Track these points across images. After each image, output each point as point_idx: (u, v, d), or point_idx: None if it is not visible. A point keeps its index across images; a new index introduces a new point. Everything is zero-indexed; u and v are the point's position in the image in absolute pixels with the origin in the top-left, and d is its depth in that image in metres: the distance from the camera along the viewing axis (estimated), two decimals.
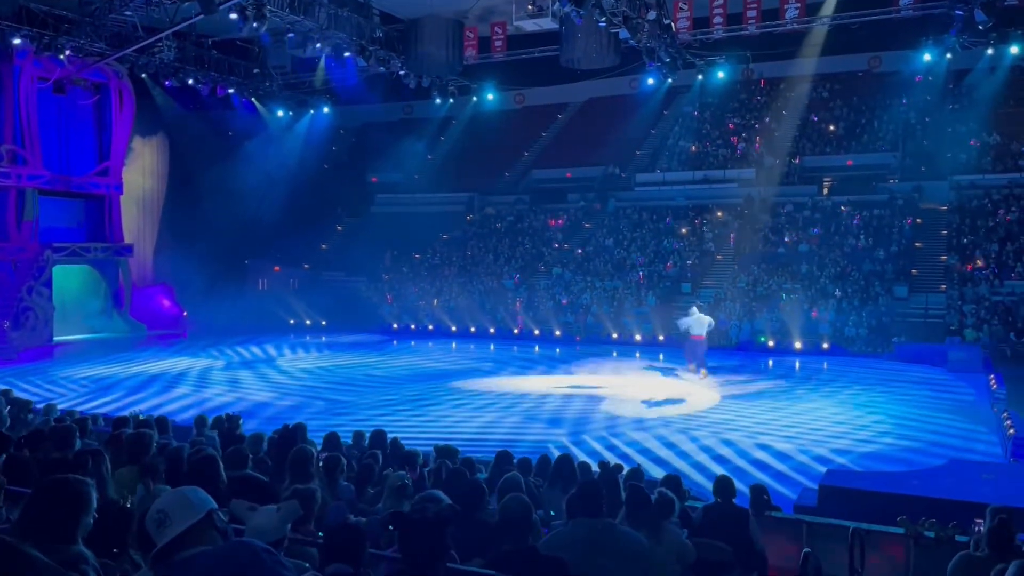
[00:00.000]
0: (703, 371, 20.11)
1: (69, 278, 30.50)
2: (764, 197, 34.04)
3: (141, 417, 9.54)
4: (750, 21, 26.31)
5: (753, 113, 38.96)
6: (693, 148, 37.90)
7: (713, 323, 20.58)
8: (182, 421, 13.86)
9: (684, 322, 20.41)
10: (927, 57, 29.65)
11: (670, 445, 13.68)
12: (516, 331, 29.99)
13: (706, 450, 13.47)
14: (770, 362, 24.00)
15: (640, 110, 38.90)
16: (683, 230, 33.77)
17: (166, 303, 33.02)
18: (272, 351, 26.46)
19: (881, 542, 6.29)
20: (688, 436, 14.36)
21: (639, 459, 12.26)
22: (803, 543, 6.47)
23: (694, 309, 20.62)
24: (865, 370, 21.79)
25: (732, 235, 32.60)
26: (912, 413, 16.15)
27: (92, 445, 6.56)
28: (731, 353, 25.72)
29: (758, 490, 7.00)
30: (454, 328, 30.91)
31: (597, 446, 13.52)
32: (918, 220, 30.58)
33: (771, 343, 26.18)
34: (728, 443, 13.83)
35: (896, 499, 7.70)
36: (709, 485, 10.66)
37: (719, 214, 33.97)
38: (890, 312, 26.08)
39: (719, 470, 11.77)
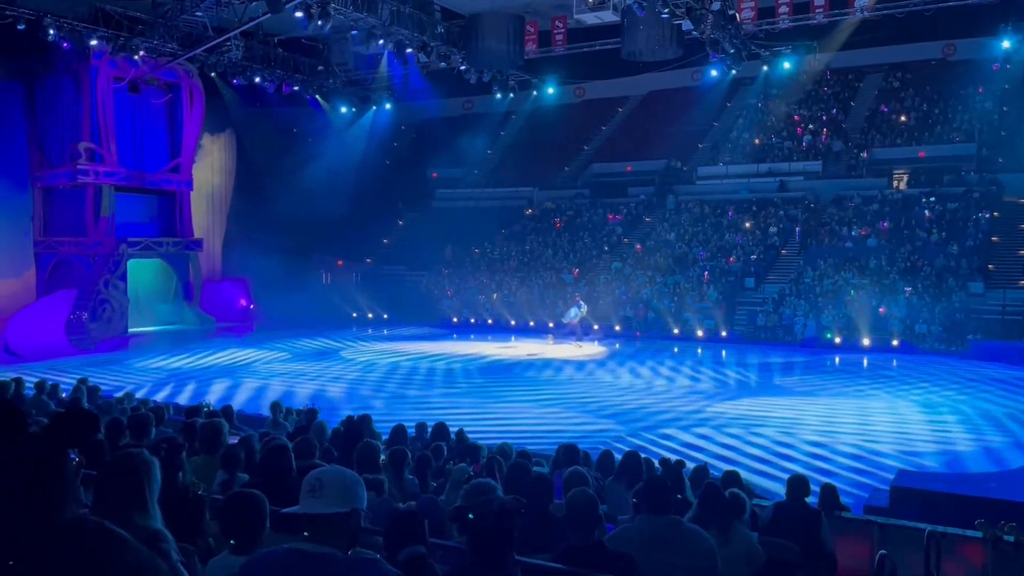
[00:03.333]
0: (580, 343, 25.07)
1: (142, 272, 31.53)
2: (831, 190, 33.22)
3: (209, 406, 9.81)
4: (817, 10, 25.62)
5: (820, 104, 37.99)
6: (757, 141, 37.17)
7: (586, 313, 26.18)
8: (249, 411, 14.24)
9: (573, 313, 25.47)
10: (1006, 44, 28.47)
11: (730, 445, 13.48)
12: (574, 325, 29.88)
13: (768, 448, 13.23)
14: (836, 359, 23.47)
15: (702, 102, 38.33)
16: (746, 224, 33.19)
17: (234, 296, 33.89)
18: (335, 343, 26.91)
19: (958, 546, 6.07)
20: (751, 432, 14.13)
21: (699, 456, 12.11)
22: (875, 545, 6.28)
23: (580, 301, 25.83)
24: (938, 368, 21.13)
25: (797, 229, 31.91)
26: (988, 412, 15.58)
27: (167, 433, 6.77)
28: (796, 349, 25.21)
29: (829, 489, 6.83)
30: (513, 322, 30.95)
31: (656, 441, 13.41)
32: (995, 213, 29.42)
33: (838, 340, 25.56)
34: (788, 444, 13.55)
35: (973, 502, 7.44)
36: (771, 485, 10.47)
37: (784, 208, 33.27)
38: (964, 308, 25.16)
39: (783, 468, 11.54)
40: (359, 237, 38.22)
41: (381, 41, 26.17)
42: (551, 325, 29.37)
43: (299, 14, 22.36)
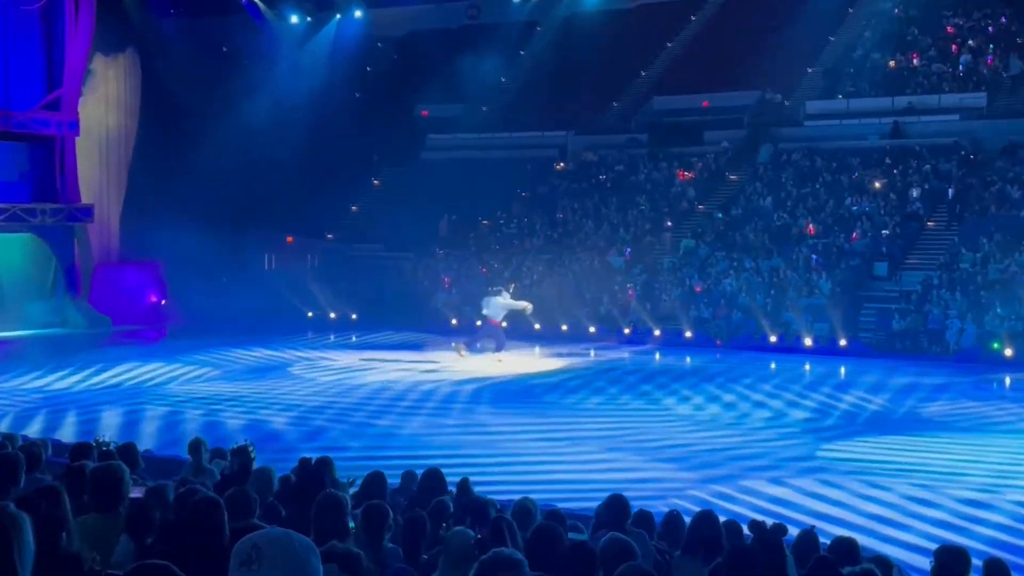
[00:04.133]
0: (499, 355, 25.44)
1: (6, 252, 31.89)
2: (1000, 135, 32.98)
3: (107, 444, 9.89)
4: None
5: (984, 10, 37.70)
6: (892, 63, 36.96)
7: (525, 308, 26.48)
8: (159, 451, 14.37)
9: (495, 306, 25.77)
10: None
11: (847, 503, 13.45)
12: (627, 331, 29.94)
13: (902, 508, 13.18)
14: (1007, 379, 23.35)
15: (812, 8, 38.14)
16: (876, 184, 33.04)
17: (139, 288, 34.14)
18: (282, 354, 27.06)
19: None
20: (877, 485, 14.10)
21: (803, 519, 12.09)
22: None
23: (503, 292, 26.37)
24: None
25: (950, 191, 31.74)
26: None
27: (44, 481, 6.85)
28: (948, 365, 25.07)
29: (997, 568, 6.79)
30: (538, 326, 31.01)
31: (740, 498, 13.42)
32: None
33: (1009, 352, 25.41)
34: (931, 503, 13.50)
35: None
36: (908, 557, 10.45)
37: (929, 161, 33.09)
38: None
39: (926, 536, 11.50)
40: (317, 203, 38.46)
41: None
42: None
43: None
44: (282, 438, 17.11)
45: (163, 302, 34.34)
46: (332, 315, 34.69)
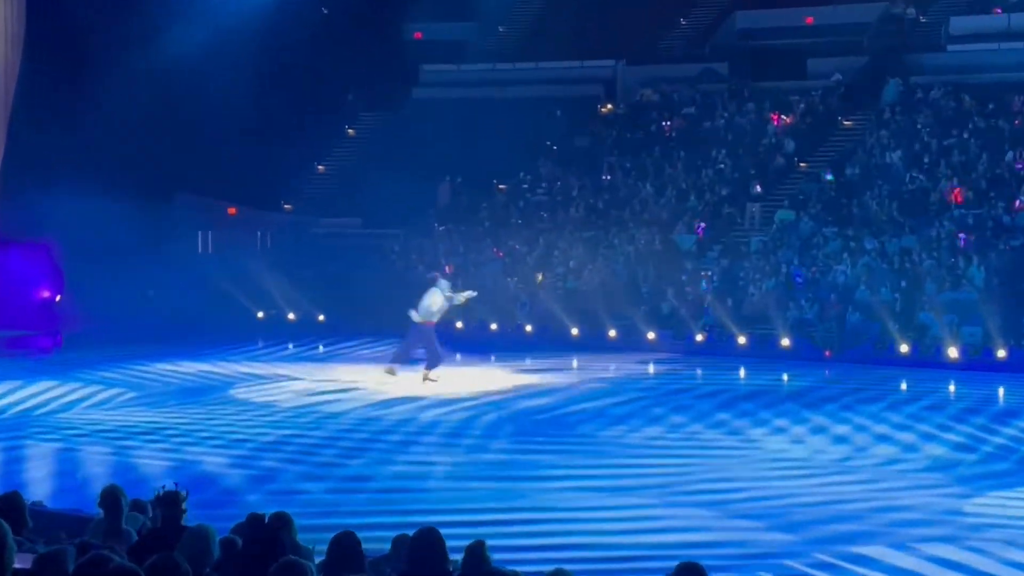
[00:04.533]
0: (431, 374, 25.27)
1: None
2: None
3: None
4: None
5: None
6: None
7: (450, 303, 25.95)
8: (54, 504, 14.47)
9: (433, 305, 25.48)
10: None
11: None
12: (699, 337, 29.93)
13: None
14: None
15: None
16: None
17: (24, 279, 34.13)
18: (222, 370, 27.17)
19: None
20: None
21: None
22: None
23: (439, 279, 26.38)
24: None
25: None
26: None
27: None
28: None
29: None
30: (575, 331, 31.00)
31: (854, 571, 13.43)
32: None
33: None
34: None
35: None
36: None
37: None
38: None
39: None
40: (270, 163, 38.48)
41: None
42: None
43: None
44: (221, 484, 17.12)
45: (57, 298, 34.41)
46: (291, 316, 34.78)
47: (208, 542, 7.82)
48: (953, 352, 27.72)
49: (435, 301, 25.41)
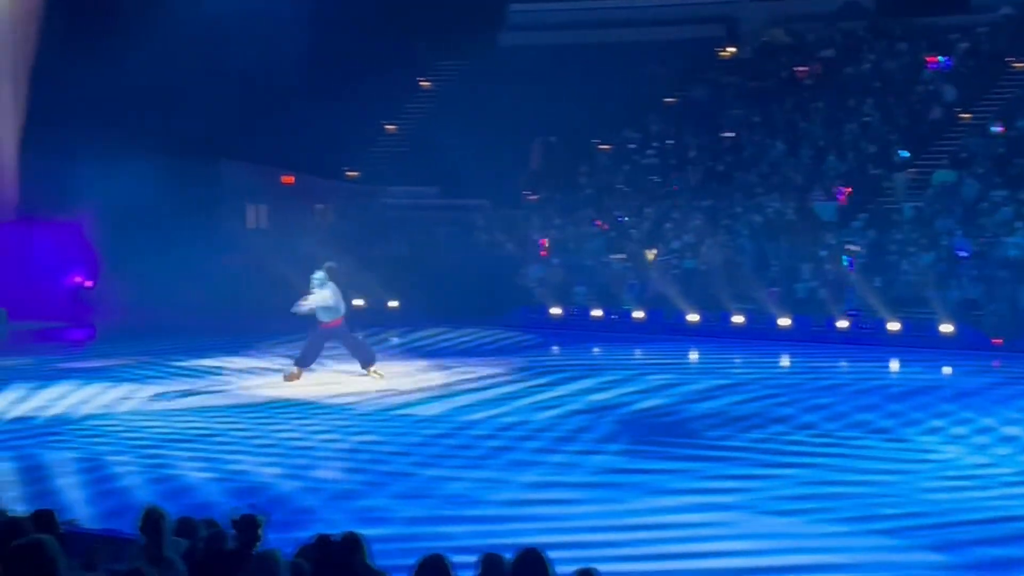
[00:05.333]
0: (295, 371, 25.79)
1: None
2: None
3: (12, 512, 10.13)
4: None
5: None
6: None
7: (333, 300, 25.91)
8: (96, 523, 14.66)
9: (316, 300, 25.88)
10: None
11: None
12: (842, 323, 29.74)
13: None
14: None
15: None
16: None
17: (52, 262, 34.57)
18: (278, 366, 27.40)
19: None
20: None
21: None
22: None
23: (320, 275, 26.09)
24: None
25: None
26: None
27: None
28: None
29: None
30: (693, 317, 30.89)
31: None
32: None
33: None
34: None
35: None
36: None
37: None
38: None
39: None
40: (330, 123, 38.60)
41: None
42: None
43: None
44: (283, 502, 17.31)
45: (89, 284, 34.82)
46: (358, 302, 34.92)
47: (276, 571, 7.88)
48: None
49: (320, 291, 25.98)
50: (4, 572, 6.21)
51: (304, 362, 26.00)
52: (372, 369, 26.09)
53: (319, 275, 26.03)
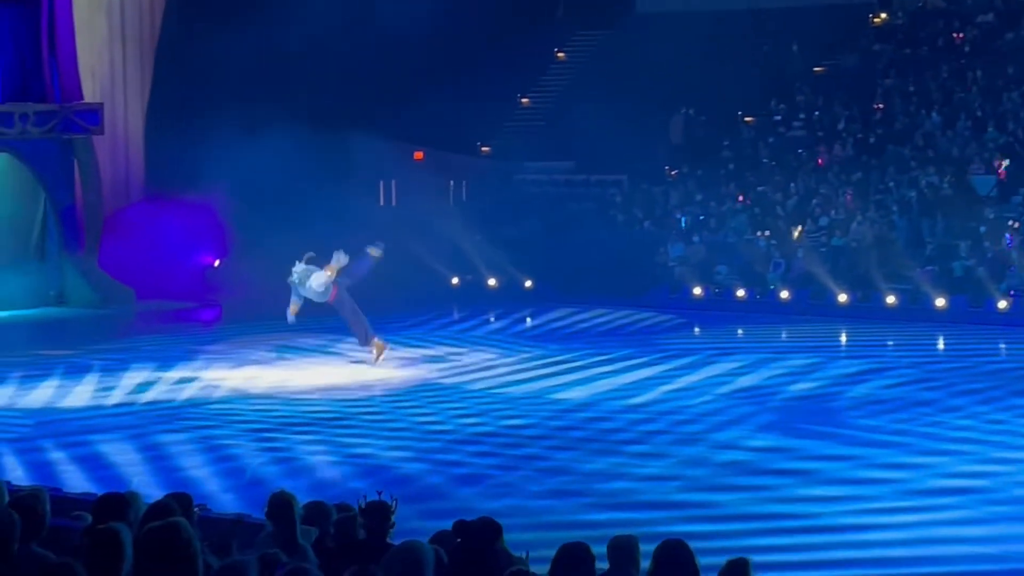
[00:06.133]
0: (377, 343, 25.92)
1: None
2: None
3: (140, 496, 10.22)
4: None
5: None
6: None
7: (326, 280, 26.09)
8: (218, 508, 14.83)
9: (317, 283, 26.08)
10: None
11: None
12: (1003, 304, 29.10)
13: None
14: None
15: None
16: None
17: (181, 241, 34.79)
18: (411, 348, 27.68)
19: None
20: None
21: None
22: None
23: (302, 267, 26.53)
24: None
25: None
26: None
27: (48, 558, 7.12)
28: None
29: None
30: (843, 297, 30.54)
31: None
32: None
33: None
34: None
35: None
36: None
37: None
38: None
39: None
40: (463, 96, 38.62)
41: None
42: None
43: None
44: (415, 485, 17.35)
45: (217, 263, 35.12)
46: (491, 282, 34.97)
47: (421, 565, 7.82)
48: None
49: (318, 279, 26.22)
50: (141, 553, 6.29)
51: (367, 335, 26.06)
52: (377, 345, 26.02)
53: (301, 267, 26.57)
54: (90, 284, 33.97)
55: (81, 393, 23.86)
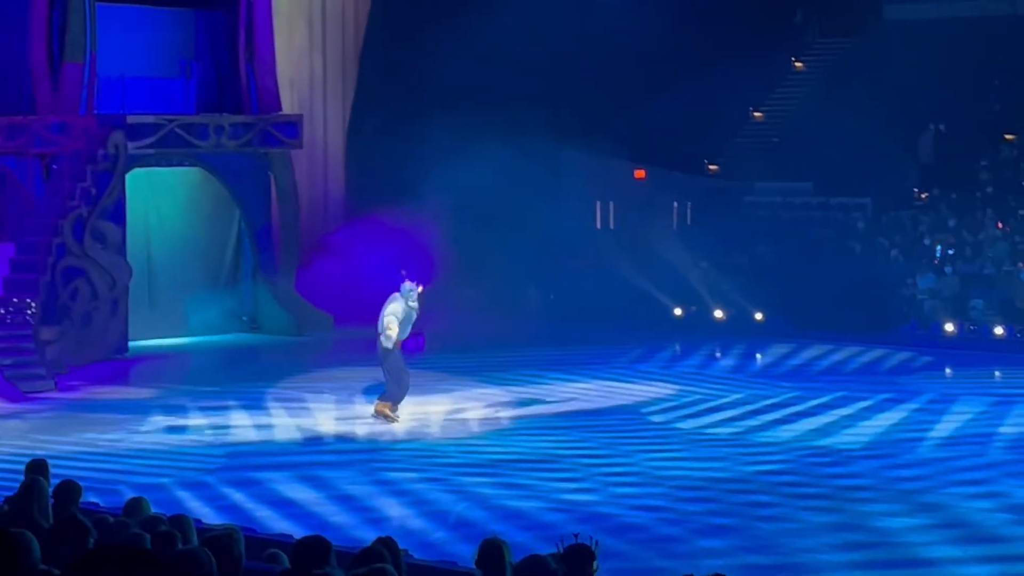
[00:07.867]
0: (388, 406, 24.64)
1: (157, 201, 33.91)
2: None
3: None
4: None
5: None
6: None
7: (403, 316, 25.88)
8: (421, 554, 14.86)
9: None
10: None
11: None
12: None
13: None
14: None
15: None
16: None
17: (384, 263, 34.99)
18: (632, 385, 27.61)
19: None
20: None
21: None
22: None
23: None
24: None
25: None
26: None
27: None
28: None
29: None
30: None
31: None
32: None
33: None
34: None
35: None
36: None
37: None
38: None
39: None
40: (688, 109, 38.43)
41: None
42: None
43: None
44: (638, 534, 17.27)
45: (421, 289, 35.36)
46: (718, 313, 34.74)
47: None
48: None
49: (403, 308, 26.10)
50: None
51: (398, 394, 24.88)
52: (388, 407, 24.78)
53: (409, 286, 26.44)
54: (286, 309, 34.54)
55: (278, 426, 24.45)
